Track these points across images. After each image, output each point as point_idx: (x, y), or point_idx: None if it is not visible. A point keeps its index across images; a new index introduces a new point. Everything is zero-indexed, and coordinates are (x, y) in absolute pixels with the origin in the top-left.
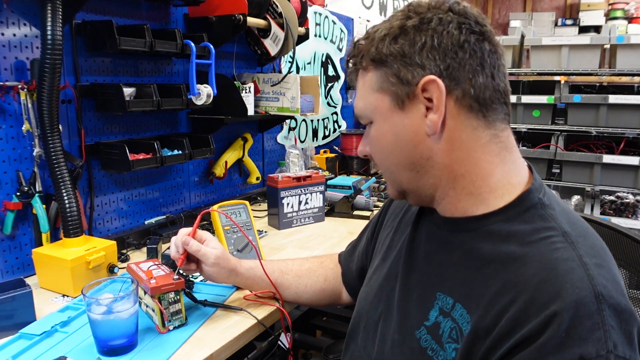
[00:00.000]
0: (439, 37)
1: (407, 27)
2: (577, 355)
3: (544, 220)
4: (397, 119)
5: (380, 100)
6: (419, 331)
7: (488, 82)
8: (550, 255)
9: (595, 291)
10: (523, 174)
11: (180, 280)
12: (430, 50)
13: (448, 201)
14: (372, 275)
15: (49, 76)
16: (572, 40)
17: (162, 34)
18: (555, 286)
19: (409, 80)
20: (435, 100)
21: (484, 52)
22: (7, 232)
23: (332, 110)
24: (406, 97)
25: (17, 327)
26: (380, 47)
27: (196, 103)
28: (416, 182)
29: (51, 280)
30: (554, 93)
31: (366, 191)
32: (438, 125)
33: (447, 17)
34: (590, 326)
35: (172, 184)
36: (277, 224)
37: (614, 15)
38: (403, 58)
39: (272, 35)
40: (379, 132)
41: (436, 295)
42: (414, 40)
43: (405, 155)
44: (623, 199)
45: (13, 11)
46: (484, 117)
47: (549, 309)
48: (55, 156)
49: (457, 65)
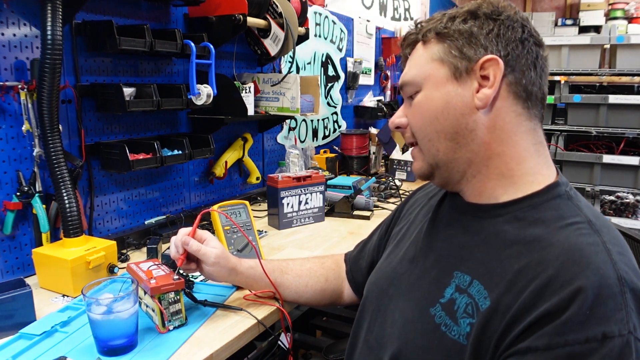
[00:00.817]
0: (505, 28)
1: (480, 12)
2: (601, 333)
3: (569, 209)
4: (450, 87)
5: (436, 69)
6: (433, 308)
7: (537, 80)
8: (576, 239)
9: (618, 274)
10: (553, 170)
11: (180, 281)
12: (496, 37)
13: (478, 180)
14: (382, 263)
15: (49, 76)
16: (572, 40)
17: (162, 34)
18: (580, 265)
19: (470, 56)
20: (491, 76)
21: (538, 54)
22: (7, 232)
23: (332, 110)
24: (464, 71)
25: (17, 327)
26: (449, 24)
27: (196, 103)
28: (453, 153)
29: (51, 280)
30: (554, 93)
31: (366, 191)
32: (490, 99)
33: (514, 16)
34: (613, 306)
35: (172, 184)
36: (277, 224)
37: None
38: (470, 37)
39: (272, 35)
40: (428, 98)
41: (453, 274)
42: (483, 24)
43: (451, 123)
44: (623, 199)
45: (13, 11)
46: (527, 109)
47: (573, 285)
48: (55, 156)
49: (515, 56)
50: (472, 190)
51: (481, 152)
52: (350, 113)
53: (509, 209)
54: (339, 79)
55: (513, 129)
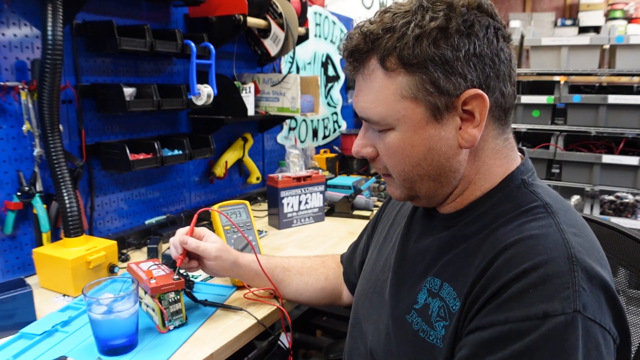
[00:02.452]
0: (481, 44)
1: (450, 29)
2: (542, 311)
3: (525, 197)
4: (432, 131)
5: (411, 110)
6: (409, 315)
7: (511, 91)
8: (529, 224)
9: (569, 253)
10: (515, 161)
11: (180, 280)
12: (472, 58)
13: (453, 204)
14: (367, 268)
15: (49, 76)
16: (571, 41)
17: (163, 34)
18: (529, 247)
19: (449, 91)
20: (477, 114)
21: (511, 59)
22: (8, 232)
23: (332, 110)
24: (445, 109)
25: (17, 326)
26: (417, 49)
27: (196, 103)
28: (435, 191)
29: (52, 280)
30: (554, 93)
31: (366, 191)
32: (477, 139)
33: (484, 20)
34: (559, 284)
35: (172, 184)
36: (277, 224)
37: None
38: (444, 65)
39: (272, 35)
40: (406, 143)
41: (426, 279)
42: (457, 45)
43: (435, 167)
44: (622, 199)
45: (14, 11)
46: (504, 125)
47: (519, 267)
48: (56, 156)
49: (493, 74)
50: (447, 208)
51: (460, 184)
52: (350, 113)
53: (472, 210)
54: (339, 79)
55: (490, 154)
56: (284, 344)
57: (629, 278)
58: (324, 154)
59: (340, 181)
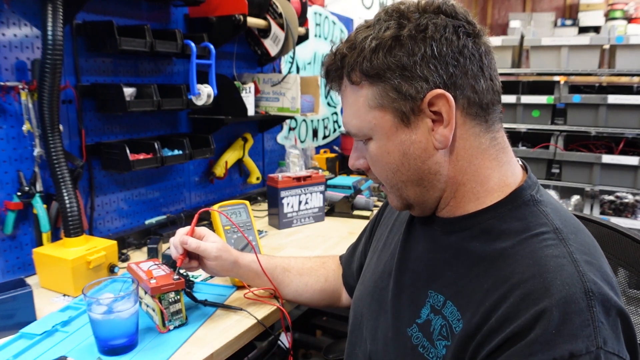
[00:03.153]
0: (438, 45)
1: (403, 37)
2: (568, 352)
3: (535, 217)
4: (403, 136)
5: (380, 118)
6: (410, 329)
7: (488, 84)
8: (541, 252)
9: (586, 287)
10: (517, 173)
11: (180, 280)
12: (431, 60)
13: (448, 209)
14: (365, 274)
15: (49, 76)
16: (571, 41)
17: (163, 34)
18: (545, 282)
19: (412, 95)
20: (445, 114)
21: (481, 54)
22: (8, 231)
23: (332, 111)
24: (411, 113)
25: (17, 326)
26: (375, 60)
27: (196, 103)
28: (423, 196)
29: (52, 280)
30: (554, 93)
31: (366, 191)
32: (449, 139)
33: (441, 21)
34: (580, 323)
35: (172, 184)
36: (277, 224)
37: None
38: (403, 71)
39: (272, 35)
40: (382, 150)
41: (428, 293)
42: (412, 50)
43: (414, 171)
44: (622, 199)
45: (14, 11)
46: (485, 122)
47: (538, 305)
48: (56, 156)
49: (459, 73)
50: (443, 213)
51: (448, 187)
52: None
53: (475, 220)
54: None
55: (473, 153)
56: (284, 344)
57: (629, 278)
58: (324, 154)
59: (340, 181)
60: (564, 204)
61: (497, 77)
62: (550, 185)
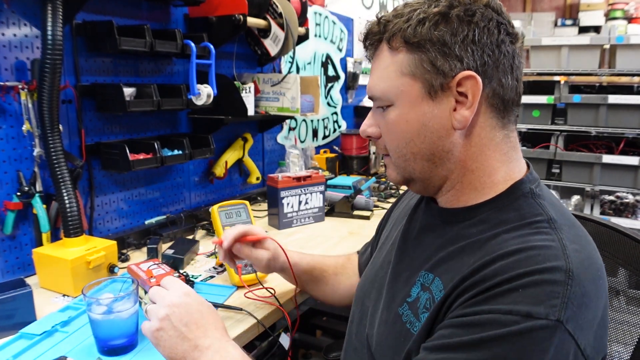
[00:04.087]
0: (481, 32)
1: (451, 15)
2: (526, 310)
3: (532, 208)
4: (426, 107)
5: (409, 86)
6: (401, 308)
7: (514, 84)
8: (532, 236)
9: (568, 267)
10: (522, 170)
11: (180, 279)
12: (470, 44)
13: (452, 193)
14: (369, 265)
15: (49, 76)
16: (571, 41)
17: (162, 34)
18: (529, 255)
19: (445, 71)
20: (470, 96)
21: (514, 54)
22: (8, 232)
23: (332, 111)
24: (439, 88)
25: (17, 326)
26: (419, 29)
27: (196, 103)
28: (429, 172)
29: (51, 280)
30: (554, 93)
31: (366, 191)
32: (469, 121)
33: (488, 13)
34: (550, 292)
35: (172, 184)
36: (277, 224)
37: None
38: (443, 47)
39: (272, 35)
40: (402, 118)
41: (420, 274)
42: (456, 30)
43: (427, 145)
44: (622, 199)
45: (14, 11)
46: (502, 118)
47: (515, 271)
48: (56, 156)
49: (492, 63)
50: (446, 200)
51: (456, 170)
52: (350, 113)
53: (476, 211)
54: (339, 79)
55: (487, 143)
56: (283, 345)
57: (629, 278)
58: (324, 154)
59: (340, 181)
60: (564, 204)
61: (522, 81)
62: (550, 185)
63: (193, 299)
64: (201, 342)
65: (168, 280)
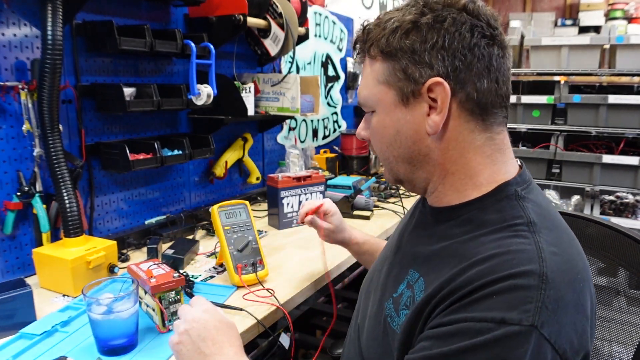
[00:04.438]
0: (451, 37)
1: (421, 23)
2: (499, 316)
3: (513, 210)
4: (399, 114)
5: (384, 93)
6: (387, 302)
7: (492, 86)
8: (509, 240)
9: (542, 271)
10: (511, 172)
11: (180, 278)
12: (440, 50)
13: (436, 194)
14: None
15: (49, 76)
16: (571, 41)
17: (162, 34)
18: (503, 260)
19: (415, 78)
20: (439, 102)
21: (492, 56)
22: (8, 232)
23: (332, 111)
24: (411, 95)
25: (17, 326)
26: (391, 39)
27: (196, 103)
28: (411, 174)
29: (51, 280)
30: (554, 93)
31: (366, 191)
32: (439, 126)
33: (460, 17)
34: (523, 297)
35: (172, 184)
36: (277, 224)
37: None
38: (413, 55)
39: (272, 35)
40: (381, 124)
41: (409, 272)
42: (426, 37)
43: (404, 149)
44: (623, 199)
45: (14, 11)
46: (482, 121)
47: (490, 277)
48: (56, 156)
49: (464, 68)
50: (433, 200)
51: (436, 172)
52: (350, 113)
53: (460, 211)
54: (338, 79)
55: (466, 146)
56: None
57: (629, 279)
58: (324, 154)
59: (340, 181)
60: (564, 204)
61: (506, 82)
62: (550, 185)
63: (212, 316)
64: (216, 358)
65: (195, 299)
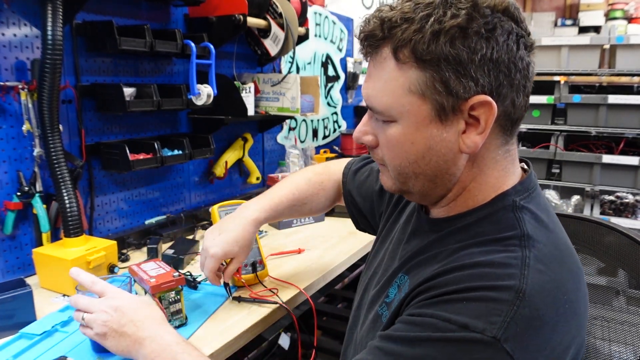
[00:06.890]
0: (500, 50)
1: (471, 30)
2: (464, 322)
3: (508, 222)
4: (434, 130)
5: (417, 106)
6: (380, 308)
7: (525, 101)
8: (496, 254)
9: (519, 287)
10: (513, 179)
11: (180, 277)
12: (488, 63)
13: (446, 208)
14: (371, 259)
15: (49, 76)
16: (571, 41)
17: (163, 34)
18: (484, 272)
19: (458, 92)
20: (483, 122)
21: (529, 69)
22: (8, 232)
23: (332, 111)
24: (450, 110)
25: (17, 326)
26: (433, 46)
27: (196, 103)
28: (429, 190)
29: (51, 280)
30: (554, 93)
31: None
32: (479, 146)
33: (508, 25)
34: (492, 309)
35: (172, 184)
36: (277, 224)
37: (613, 16)
38: (458, 66)
39: (272, 35)
40: (407, 139)
41: (398, 275)
42: (475, 48)
43: (432, 167)
44: (622, 199)
45: (14, 11)
46: (508, 136)
47: (465, 284)
48: (56, 156)
49: (507, 83)
50: (437, 212)
51: (455, 189)
52: (350, 113)
53: (458, 220)
54: (339, 79)
55: (488, 163)
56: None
57: (629, 279)
58: (324, 154)
59: None
60: (564, 204)
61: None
62: (550, 185)
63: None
64: (140, 334)
65: (98, 288)
